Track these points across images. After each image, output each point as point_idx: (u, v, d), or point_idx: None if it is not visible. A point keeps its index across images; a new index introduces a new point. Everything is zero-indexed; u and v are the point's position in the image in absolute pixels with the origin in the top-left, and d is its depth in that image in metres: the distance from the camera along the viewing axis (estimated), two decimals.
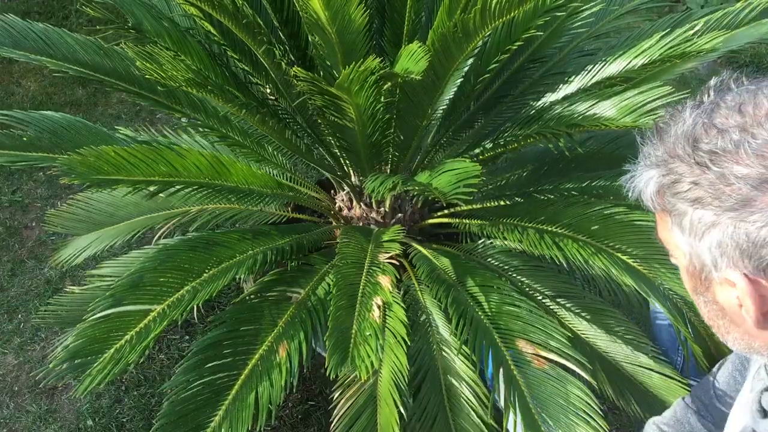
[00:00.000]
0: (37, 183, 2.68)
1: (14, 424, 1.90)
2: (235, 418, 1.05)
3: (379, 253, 1.19)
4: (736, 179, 0.55)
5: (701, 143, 0.57)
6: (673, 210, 0.61)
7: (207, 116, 1.39)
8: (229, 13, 1.26)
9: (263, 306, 1.26)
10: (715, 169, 0.56)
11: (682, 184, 0.59)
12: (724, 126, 0.57)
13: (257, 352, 1.16)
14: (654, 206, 0.64)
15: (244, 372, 1.13)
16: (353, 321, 1.01)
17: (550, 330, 1.02)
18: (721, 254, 0.58)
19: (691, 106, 0.61)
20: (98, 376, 1.00)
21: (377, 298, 1.06)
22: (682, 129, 0.60)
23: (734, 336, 0.66)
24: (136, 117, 3.01)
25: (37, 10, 3.63)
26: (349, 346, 0.96)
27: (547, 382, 0.94)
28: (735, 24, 1.40)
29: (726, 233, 0.56)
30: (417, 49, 1.14)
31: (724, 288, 0.61)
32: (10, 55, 1.37)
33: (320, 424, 1.90)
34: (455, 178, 1.10)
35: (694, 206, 0.58)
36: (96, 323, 1.07)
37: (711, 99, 0.61)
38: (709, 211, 0.57)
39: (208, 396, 1.09)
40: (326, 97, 1.19)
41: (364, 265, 1.17)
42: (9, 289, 2.28)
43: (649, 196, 0.63)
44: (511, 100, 1.70)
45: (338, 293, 1.09)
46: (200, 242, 1.29)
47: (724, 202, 0.56)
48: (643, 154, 0.65)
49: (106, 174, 1.12)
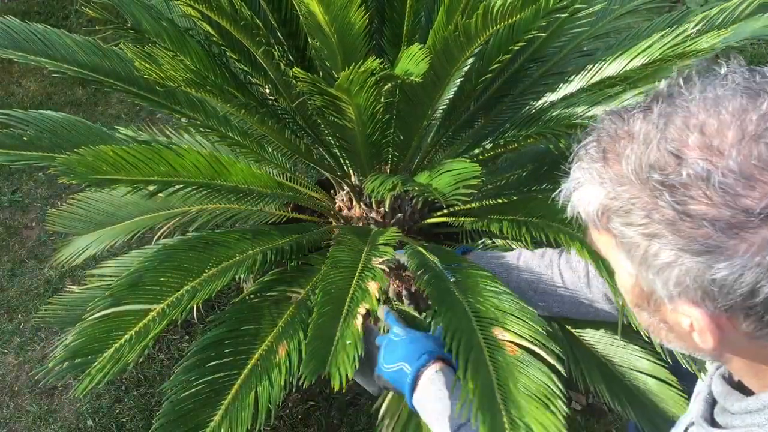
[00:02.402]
0: (37, 183, 2.69)
1: (14, 424, 1.90)
2: (234, 418, 1.05)
3: (373, 257, 1.19)
4: (702, 221, 0.48)
5: (656, 172, 0.50)
6: (621, 237, 0.54)
7: (206, 116, 1.39)
8: (226, 14, 1.26)
9: (263, 306, 1.26)
10: (676, 206, 0.49)
11: (634, 216, 0.52)
12: (684, 153, 0.49)
13: (257, 352, 1.15)
14: (595, 225, 0.57)
15: (244, 371, 1.12)
16: (338, 327, 1.01)
17: (528, 320, 1.02)
18: (680, 293, 0.53)
19: (642, 117, 0.54)
20: (97, 375, 1.00)
21: (364, 305, 1.05)
22: (632, 149, 0.52)
23: (677, 345, 0.63)
24: (136, 117, 3.01)
25: (37, 11, 3.63)
26: (329, 353, 0.95)
27: (514, 368, 0.94)
28: (731, 20, 1.40)
29: (688, 275, 0.50)
30: (417, 51, 1.14)
31: (676, 313, 0.56)
32: (9, 56, 1.37)
33: (320, 424, 1.90)
34: (455, 179, 1.10)
35: (650, 240, 0.51)
36: (95, 323, 1.07)
37: (662, 108, 0.53)
38: (667, 249, 0.50)
39: (207, 395, 1.09)
40: (326, 97, 1.19)
41: (357, 268, 1.17)
42: (9, 289, 2.28)
43: (591, 216, 0.57)
44: (511, 100, 1.70)
45: (323, 299, 1.08)
46: (199, 242, 1.28)
47: (687, 245, 0.49)
48: (582, 161, 0.57)
49: (105, 174, 1.12)
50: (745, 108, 0.49)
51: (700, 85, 0.53)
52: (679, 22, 1.50)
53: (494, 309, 1.07)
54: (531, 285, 1.22)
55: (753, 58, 3.47)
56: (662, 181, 0.49)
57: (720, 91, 0.51)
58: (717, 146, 0.48)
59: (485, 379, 0.93)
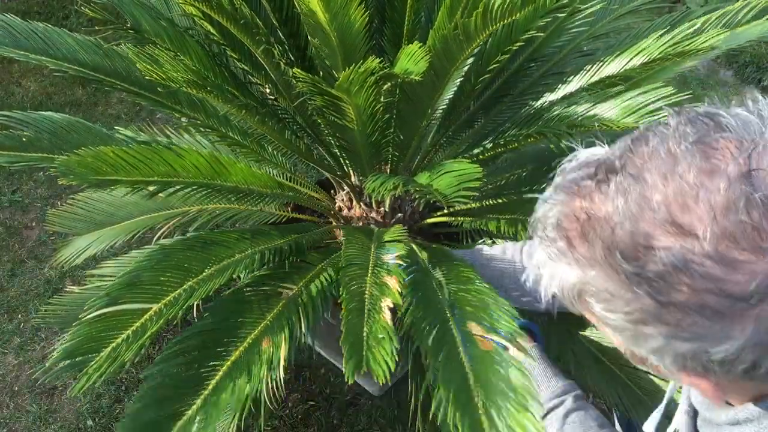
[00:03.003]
0: (37, 183, 2.69)
1: (14, 424, 1.90)
2: (212, 409, 1.03)
3: (383, 254, 1.18)
4: (687, 309, 0.45)
5: (628, 263, 0.46)
6: (604, 319, 0.51)
7: (207, 116, 1.39)
8: (227, 13, 1.26)
9: (252, 299, 1.24)
10: (658, 297, 0.45)
11: (614, 303, 0.49)
12: (653, 241, 0.45)
13: (242, 345, 1.14)
14: (572, 305, 0.54)
15: (227, 363, 1.11)
16: (363, 324, 1.00)
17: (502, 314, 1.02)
18: (678, 369, 0.50)
19: (598, 192, 0.49)
20: (95, 374, 1.00)
21: (386, 299, 1.04)
22: (596, 233, 0.48)
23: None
24: (136, 117, 3.01)
25: (37, 11, 3.63)
26: (363, 349, 0.94)
27: (491, 364, 0.94)
28: (734, 23, 1.40)
29: (685, 356, 0.48)
30: (416, 49, 1.14)
31: (675, 375, 0.54)
32: (10, 55, 1.37)
33: (320, 424, 1.90)
34: (456, 180, 1.09)
35: (636, 325, 0.48)
36: (92, 322, 1.06)
37: (617, 182, 0.48)
38: (657, 336, 0.47)
39: (187, 384, 1.08)
40: (326, 97, 1.19)
41: (368, 266, 1.17)
42: (9, 289, 2.28)
43: (567, 297, 0.53)
44: (511, 99, 1.70)
45: (348, 296, 1.07)
46: (198, 242, 1.28)
47: (677, 333, 0.46)
48: (544, 242, 0.53)
49: (105, 174, 1.12)
50: (705, 170, 0.45)
51: (652, 144, 0.48)
52: (680, 23, 1.50)
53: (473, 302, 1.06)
54: (505, 273, 1.22)
55: (753, 58, 3.47)
56: (637, 273, 0.45)
57: (673, 148, 0.47)
58: (687, 226, 0.44)
59: (459, 374, 0.92)
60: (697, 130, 0.47)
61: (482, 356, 0.95)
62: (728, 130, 0.47)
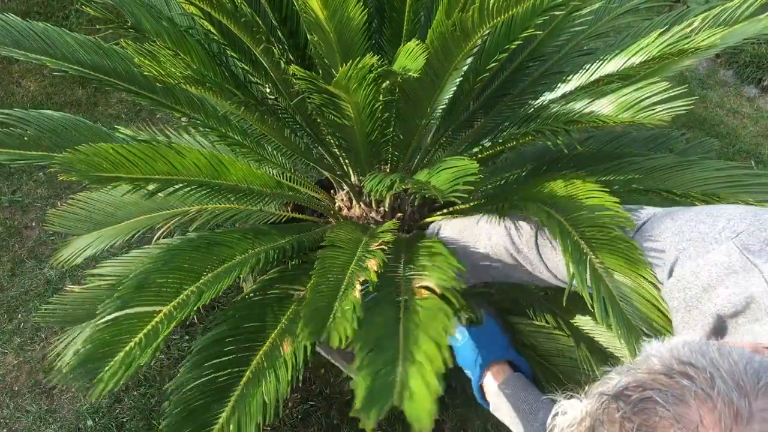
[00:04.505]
0: (37, 183, 2.69)
1: (14, 424, 1.90)
2: (243, 414, 1.05)
3: (372, 243, 1.20)
4: None
5: None
6: None
7: (206, 115, 1.40)
8: (227, 11, 1.26)
9: (265, 303, 1.26)
10: None
11: None
12: None
13: (261, 349, 1.16)
14: None
15: (250, 368, 1.12)
16: (336, 300, 1.02)
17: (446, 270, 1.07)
18: None
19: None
20: (110, 380, 0.99)
21: (360, 276, 1.06)
22: None
23: None
24: (136, 117, 3.02)
25: (37, 10, 3.64)
26: (329, 318, 0.96)
27: (423, 311, 0.99)
28: (733, 20, 1.40)
29: None
30: (414, 47, 1.14)
31: None
32: (10, 54, 1.38)
33: (320, 424, 1.90)
34: (453, 176, 1.09)
35: None
36: (105, 327, 1.06)
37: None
38: None
39: (213, 393, 1.09)
40: (325, 95, 1.20)
41: (355, 253, 1.18)
42: (9, 289, 2.28)
43: None
44: (511, 99, 1.70)
45: (322, 270, 1.10)
46: (203, 242, 1.28)
47: None
48: None
49: (105, 171, 1.12)
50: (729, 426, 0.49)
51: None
52: (680, 21, 1.50)
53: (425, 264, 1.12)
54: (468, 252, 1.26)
55: (753, 58, 3.47)
56: None
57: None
58: None
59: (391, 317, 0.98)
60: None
61: (418, 304, 1.01)
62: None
